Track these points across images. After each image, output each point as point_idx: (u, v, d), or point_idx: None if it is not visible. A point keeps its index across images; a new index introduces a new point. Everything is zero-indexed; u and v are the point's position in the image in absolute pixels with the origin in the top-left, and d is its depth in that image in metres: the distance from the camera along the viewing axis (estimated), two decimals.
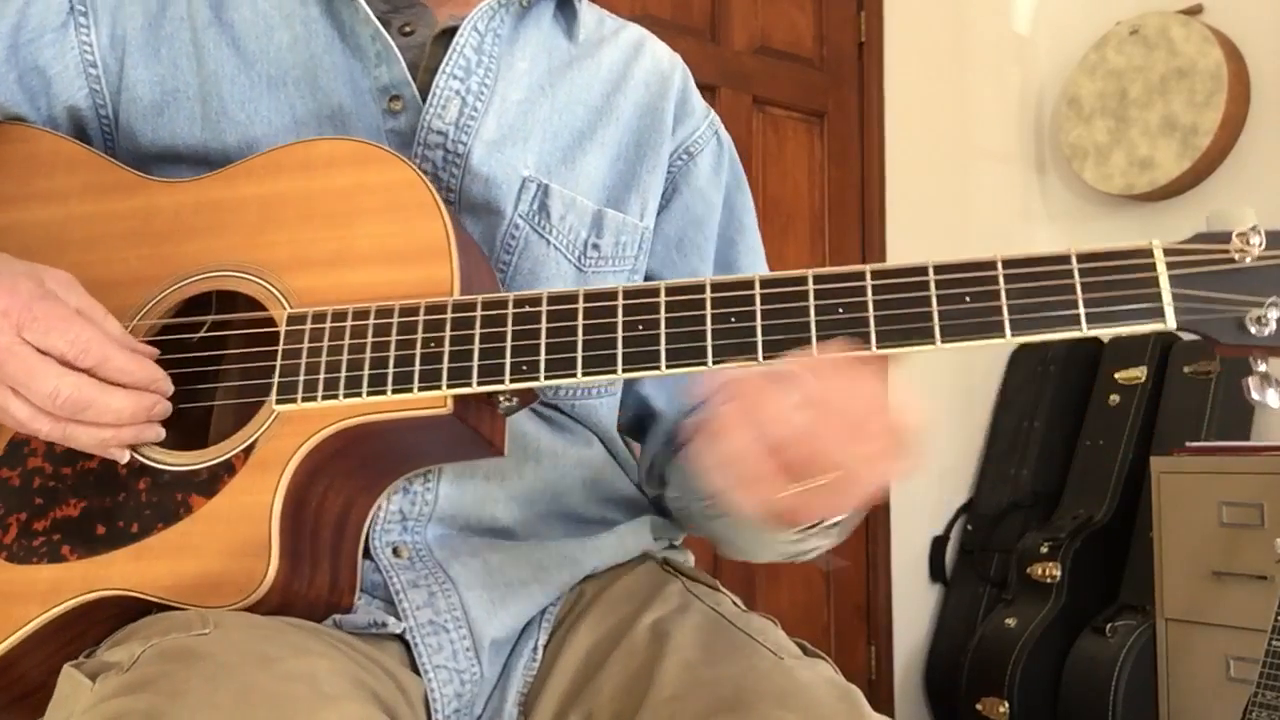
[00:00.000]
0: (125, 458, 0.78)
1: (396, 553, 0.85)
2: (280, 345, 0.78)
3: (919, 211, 3.07)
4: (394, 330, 0.77)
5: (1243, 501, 2.34)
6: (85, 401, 0.74)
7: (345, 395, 0.76)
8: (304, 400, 0.77)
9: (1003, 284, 0.69)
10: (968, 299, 0.69)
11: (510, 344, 0.75)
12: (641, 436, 1.03)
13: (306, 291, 0.80)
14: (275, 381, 0.78)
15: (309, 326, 0.78)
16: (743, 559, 0.97)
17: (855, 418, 0.65)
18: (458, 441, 0.80)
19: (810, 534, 0.80)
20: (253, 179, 0.85)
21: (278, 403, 0.77)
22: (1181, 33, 2.93)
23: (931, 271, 0.70)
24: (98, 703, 0.64)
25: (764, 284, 0.73)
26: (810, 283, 0.72)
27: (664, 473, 0.98)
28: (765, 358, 0.71)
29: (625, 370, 0.73)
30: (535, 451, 0.91)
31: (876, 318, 0.70)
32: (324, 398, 0.76)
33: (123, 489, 0.79)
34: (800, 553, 0.87)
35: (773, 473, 0.65)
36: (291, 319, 0.79)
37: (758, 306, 0.72)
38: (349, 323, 0.78)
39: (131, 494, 0.79)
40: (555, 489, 0.93)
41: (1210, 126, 2.85)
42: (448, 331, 0.76)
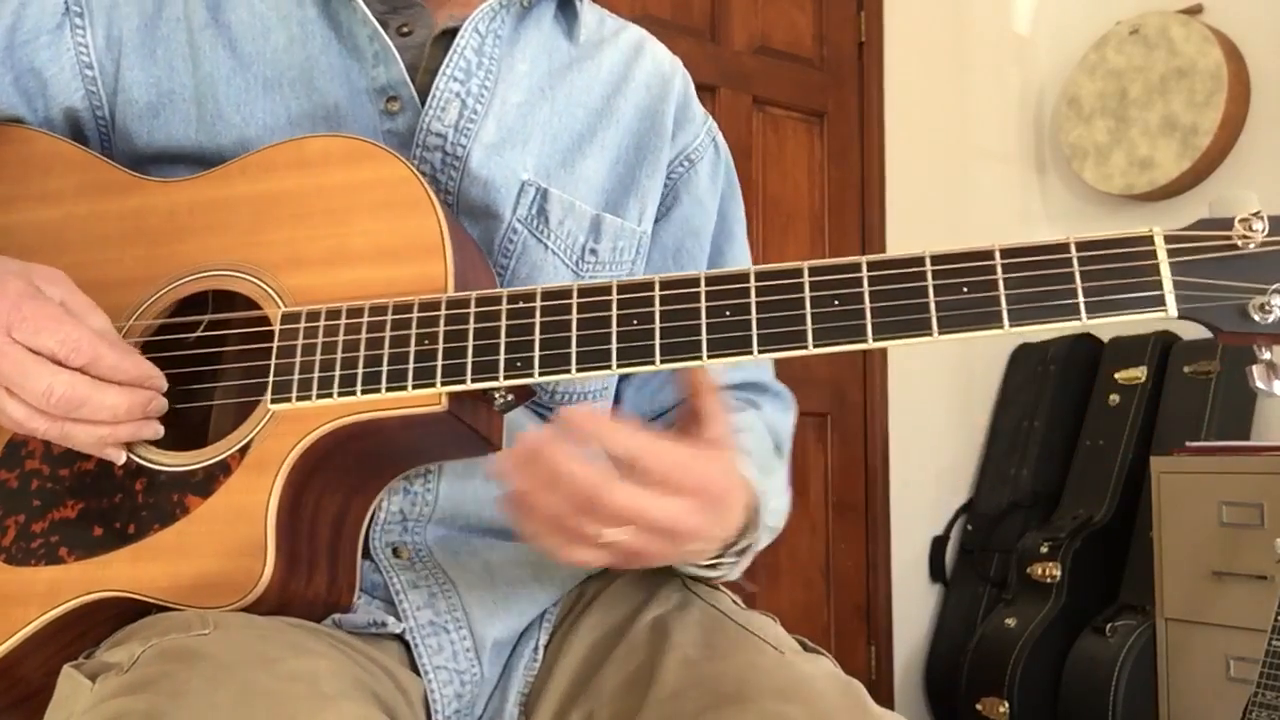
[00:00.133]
0: (122, 458, 0.78)
1: (396, 553, 0.85)
2: (275, 344, 0.78)
3: (919, 211, 3.06)
4: (388, 328, 0.76)
5: (1243, 501, 2.33)
6: (79, 399, 0.74)
7: (340, 394, 0.76)
8: (299, 399, 0.77)
9: (1001, 274, 0.69)
10: (965, 289, 0.69)
11: (504, 340, 0.74)
12: None
13: (301, 290, 0.80)
14: (270, 381, 0.78)
15: (303, 325, 0.78)
16: None
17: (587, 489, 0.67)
18: (454, 439, 0.80)
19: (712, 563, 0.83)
20: (247, 178, 0.85)
21: (272, 402, 0.77)
22: (1181, 33, 2.93)
23: (928, 262, 0.70)
24: (97, 703, 0.64)
25: (759, 277, 0.72)
26: (806, 275, 0.71)
27: None
28: (760, 351, 0.71)
29: (620, 365, 0.73)
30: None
31: (873, 309, 0.69)
32: (318, 396, 0.76)
33: (120, 490, 0.79)
34: (707, 577, 0.88)
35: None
36: (286, 318, 0.79)
37: (753, 300, 0.71)
38: (343, 321, 0.77)
39: (128, 495, 0.79)
40: None
41: (1210, 126, 2.85)
42: (441, 328, 0.75)
